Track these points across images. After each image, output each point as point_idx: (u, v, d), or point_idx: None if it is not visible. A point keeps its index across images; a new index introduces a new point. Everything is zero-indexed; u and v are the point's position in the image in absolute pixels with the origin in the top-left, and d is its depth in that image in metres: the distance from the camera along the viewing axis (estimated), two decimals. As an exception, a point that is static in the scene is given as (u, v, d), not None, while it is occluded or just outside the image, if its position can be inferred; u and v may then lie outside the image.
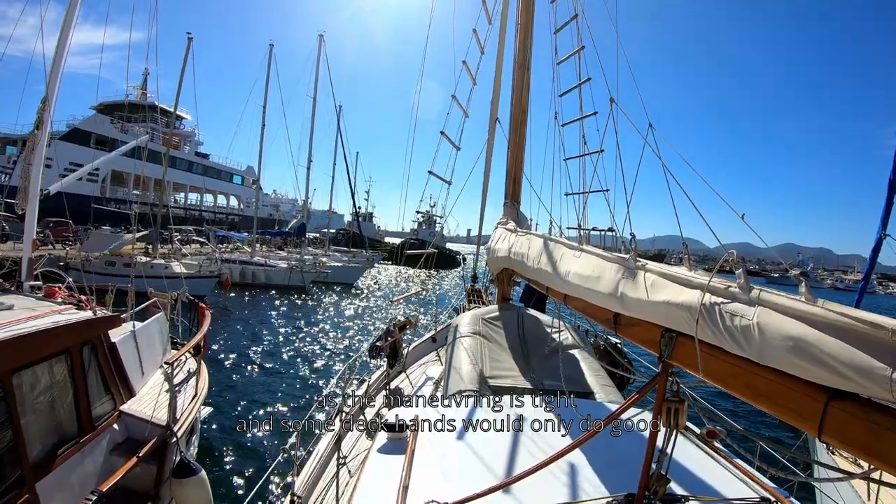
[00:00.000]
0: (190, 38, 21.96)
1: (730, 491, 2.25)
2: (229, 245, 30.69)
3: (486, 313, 4.98)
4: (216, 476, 6.20)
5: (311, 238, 42.53)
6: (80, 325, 3.94)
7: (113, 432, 4.19)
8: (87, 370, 4.02)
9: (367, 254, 32.22)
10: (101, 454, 4.00)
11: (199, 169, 48.17)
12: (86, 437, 3.85)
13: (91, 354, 4.14)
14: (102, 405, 4.21)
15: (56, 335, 3.68)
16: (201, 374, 5.80)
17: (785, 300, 1.37)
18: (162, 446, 4.12)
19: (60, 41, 6.13)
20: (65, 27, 6.19)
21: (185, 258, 22.11)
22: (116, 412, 4.33)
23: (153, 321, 6.01)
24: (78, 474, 3.68)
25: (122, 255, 18.90)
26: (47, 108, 5.85)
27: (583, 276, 2.48)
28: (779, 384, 1.36)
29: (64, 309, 4.31)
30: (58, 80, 6.03)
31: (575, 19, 5.86)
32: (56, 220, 25.93)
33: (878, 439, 1.13)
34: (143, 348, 5.21)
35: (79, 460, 3.73)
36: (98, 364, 4.23)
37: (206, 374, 5.92)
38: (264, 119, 27.47)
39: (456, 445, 2.69)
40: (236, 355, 11.83)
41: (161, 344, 6.04)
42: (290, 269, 24.21)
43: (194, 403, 5.03)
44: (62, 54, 6.11)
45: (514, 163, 6.08)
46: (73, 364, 3.84)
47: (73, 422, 3.80)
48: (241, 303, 19.77)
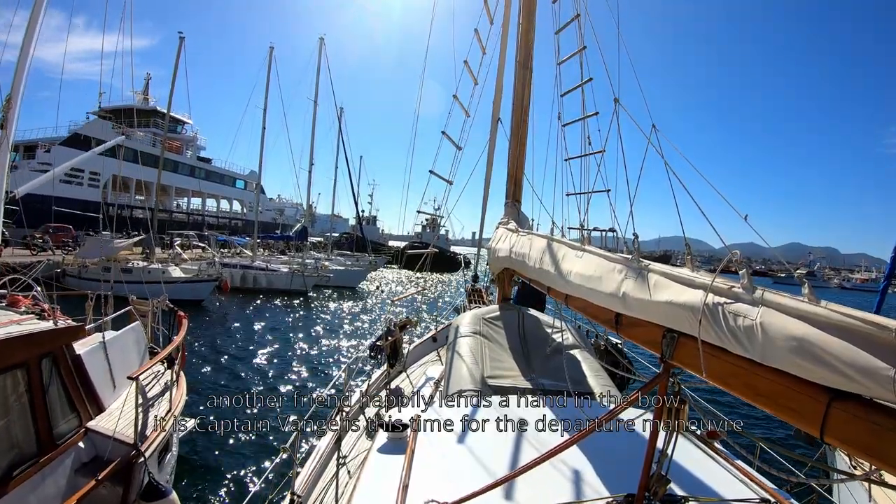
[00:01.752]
0: (182, 37, 21.93)
1: (730, 492, 2.25)
2: (231, 250, 30.63)
3: (486, 313, 4.98)
4: (213, 482, 6.19)
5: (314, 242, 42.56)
6: (37, 337, 3.71)
7: (78, 451, 3.89)
8: (47, 385, 3.77)
9: (370, 257, 32.23)
10: (65, 474, 3.72)
11: (201, 173, 48.19)
12: (46, 456, 3.58)
13: (52, 368, 3.88)
14: (67, 422, 3.94)
15: (10, 347, 3.44)
16: (178, 387, 5.44)
17: (788, 300, 1.37)
18: (128, 466, 3.83)
19: (26, 40, 6.09)
20: (30, 26, 6.14)
21: (186, 263, 22.10)
22: (82, 429, 4.02)
23: (127, 331, 5.67)
24: (37, 495, 3.43)
25: (119, 261, 18.79)
26: (12, 107, 5.78)
27: (585, 276, 2.49)
28: (781, 385, 1.36)
29: (24, 319, 4.09)
30: (23, 80, 5.97)
31: (577, 19, 5.86)
32: (56, 226, 25.90)
33: (879, 440, 1.13)
34: (114, 360, 4.93)
35: (38, 481, 3.46)
36: (60, 378, 3.95)
37: (183, 387, 5.63)
38: (265, 122, 27.37)
39: (456, 445, 2.69)
40: (234, 359, 11.80)
41: (138, 355, 5.75)
42: (291, 273, 24.11)
43: (168, 419, 4.69)
44: (27, 53, 6.05)
45: (515, 163, 6.08)
46: (31, 378, 3.60)
47: (30, 440, 3.54)
48: (240, 307, 19.62)
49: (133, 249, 21.42)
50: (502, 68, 7.87)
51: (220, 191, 53.12)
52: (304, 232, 31.51)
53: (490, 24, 7.54)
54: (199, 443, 7.02)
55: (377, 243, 46.77)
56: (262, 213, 55.45)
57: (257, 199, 30.44)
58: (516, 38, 6.16)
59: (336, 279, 26.27)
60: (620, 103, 3.56)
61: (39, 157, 32.22)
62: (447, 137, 7.15)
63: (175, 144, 45.67)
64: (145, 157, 36.17)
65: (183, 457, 6.61)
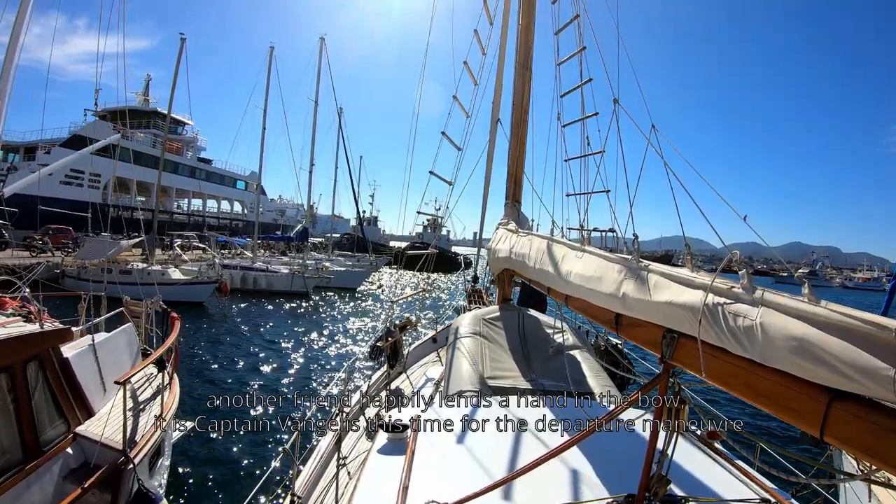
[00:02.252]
0: (183, 39, 21.86)
1: (730, 492, 2.25)
2: (232, 251, 30.50)
3: (486, 314, 4.98)
4: (213, 482, 6.19)
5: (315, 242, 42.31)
6: (22, 340, 3.61)
7: (66, 457, 3.78)
8: (33, 389, 3.66)
9: (371, 258, 32.14)
10: (52, 481, 3.62)
11: (201, 175, 48.21)
12: (32, 463, 3.50)
13: (38, 371, 3.77)
14: (54, 427, 3.83)
15: None
16: (171, 390, 5.26)
17: (788, 300, 1.37)
18: (116, 473, 3.70)
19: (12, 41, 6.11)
20: (16, 27, 6.17)
21: (186, 264, 22.02)
22: (70, 435, 3.91)
23: (119, 333, 5.53)
24: (23, 503, 3.35)
25: (118, 262, 18.79)
26: None
27: (585, 276, 2.48)
28: (781, 385, 1.36)
29: (9, 322, 4.01)
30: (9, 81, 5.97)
31: (576, 19, 5.87)
32: (56, 227, 25.85)
33: (879, 440, 1.13)
34: (105, 363, 4.81)
35: (24, 488, 3.38)
36: (47, 382, 3.84)
37: (176, 390, 5.47)
38: (265, 122, 27.27)
39: (456, 446, 2.69)
40: (233, 361, 11.78)
41: (130, 357, 5.60)
42: (291, 274, 23.97)
43: (159, 423, 4.52)
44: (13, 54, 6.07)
45: (515, 163, 6.08)
46: (16, 383, 3.50)
47: (16, 446, 3.45)
48: (241, 309, 19.43)
49: (133, 251, 21.30)
50: (502, 69, 7.88)
51: (221, 192, 53.16)
52: (304, 233, 31.41)
53: (490, 25, 7.55)
54: (198, 443, 7.02)
55: (378, 244, 46.66)
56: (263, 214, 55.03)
57: (258, 199, 30.42)
58: (516, 38, 6.16)
59: (337, 280, 26.16)
60: (620, 104, 3.56)
61: (39, 159, 32.25)
62: (447, 138, 7.15)
63: (176, 145, 45.64)
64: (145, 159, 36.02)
65: (183, 457, 6.61)
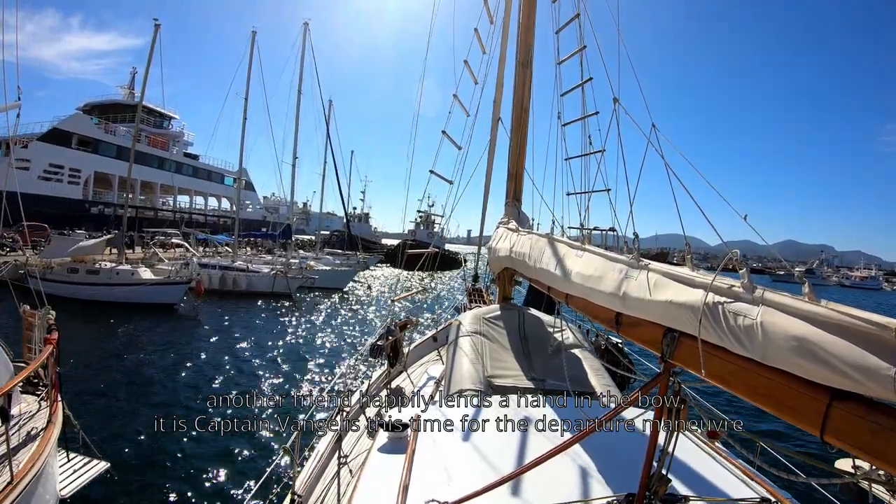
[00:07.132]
0: (157, 24, 20.75)
1: (730, 491, 2.25)
2: (211, 248, 28.89)
3: (487, 313, 4.98)
4: (213, 482, 6.19)
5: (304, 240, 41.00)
6: None
7: None
8: None
9: (359, 256, 30.88)
10: None
11: (188, 170, 47.03)
12: None
13: None
14: None
15: None
16: (53, 422, 4.28)
17: (789, 300, 1.37)
18: None
19: None
20: None
21: (162, 263, 20.86)
22: None
23: None
24: None
25: (85, 262, 17.88)
26: None
27: (585, 275, 2.48)
28: (781, 384, 1.36)
29: None
30: None
31: (577, 18, 5.86)
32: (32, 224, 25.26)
33: (880, 440, 1.13)
34: None
35: None
36: None
37: (59, 422, 4.45)
38: (245, 112, 25.70)
39: (457, 445, 2.69)
40: (233, 362, 11.66)
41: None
42: (273, 274, 22.32)
43: (27, 468, 3.55)
44: None
45: (515, 162, 6.08)
46: None
47: None
48: (215, 312, 17.52)
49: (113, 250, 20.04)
50: (503, 67, 7.88)
51: (208, 188, 51.43)
52: (287, 229, 28.87)
53: (490, 24, 7.54)
54: (198, 443, 7.03)
55: (369, 241, 45.93)
56: (251, 211, 53.36)
57: (238, 194, 28.86)
58: (516, 37, 6.15)
59: (321, 280, 24.59)
60: (620, 103, 3.56)
61: (17, 153, 30.54)
62: (447, 137, 7.15)
63: (161, 140, 44.63)
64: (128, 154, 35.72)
65: (183, 457, 6.62)
